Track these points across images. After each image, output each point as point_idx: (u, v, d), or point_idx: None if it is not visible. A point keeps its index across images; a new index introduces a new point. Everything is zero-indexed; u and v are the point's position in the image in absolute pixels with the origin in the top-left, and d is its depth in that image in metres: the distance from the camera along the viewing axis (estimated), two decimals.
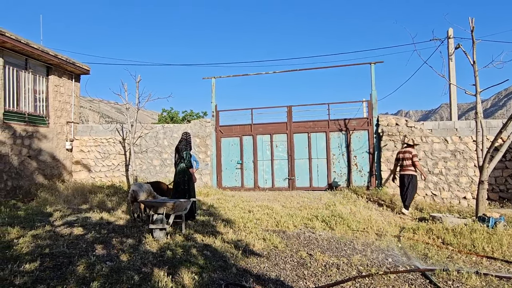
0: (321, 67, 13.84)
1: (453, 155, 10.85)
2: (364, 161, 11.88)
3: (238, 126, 13.14)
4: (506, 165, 10.47)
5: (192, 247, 5.18)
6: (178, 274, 4.04)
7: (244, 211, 8.28)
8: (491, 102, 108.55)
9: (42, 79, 11.91)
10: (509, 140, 7.29)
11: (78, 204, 8.96)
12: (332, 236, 6.26)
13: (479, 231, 6.09)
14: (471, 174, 10.61)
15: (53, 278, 3.87)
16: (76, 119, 13.45)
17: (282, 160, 12.59)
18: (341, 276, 4.24)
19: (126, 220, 7.15)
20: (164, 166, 13.07)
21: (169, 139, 13.12)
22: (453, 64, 14.09)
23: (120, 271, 4.09)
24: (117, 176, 13.20)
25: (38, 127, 11.55)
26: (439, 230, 6.31)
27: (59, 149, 12.50)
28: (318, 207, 8.78)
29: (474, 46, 7.75)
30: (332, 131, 12.24)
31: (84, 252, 4.83)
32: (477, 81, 7.78)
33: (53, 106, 12.22)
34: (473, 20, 7.68)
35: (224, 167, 13.08)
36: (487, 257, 5.05)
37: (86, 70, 13.45)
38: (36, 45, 11.00)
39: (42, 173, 11.60)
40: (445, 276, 4.22)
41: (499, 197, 10.46)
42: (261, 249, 5.30)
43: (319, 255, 5.00)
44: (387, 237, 6.09)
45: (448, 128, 11.07)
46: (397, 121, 11.47)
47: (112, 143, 13.42)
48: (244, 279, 4.05)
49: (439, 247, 5.57)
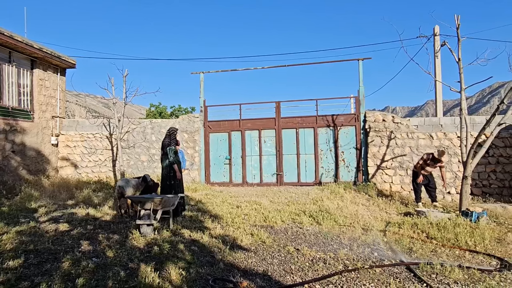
0: (310, 63, 13.87)
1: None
2: (351, 156, 11.98)
3: (226, 122, 13.10)
4: (489, 160, 10.69)
5: (180, 242, 5.17)
6: (165, 269, 4.04)
7: (232, 206, 8.29)
8: (476, 99, 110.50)
9: (27, 73, 11.66)
10: (492, 136, 7.43)
11: (63, 200, 8.84)
12: (319, 231, 6.32)
13: (462, 225, 6.22)
14: (455, 170, 10.80)
15: (37, 275, 3.83)
16: (62, 114, 13.23)
17: (271, 155, 12.62)
18: (327, 271, 4.29)
19: (112, 216, 7.09)
20: (152, 161, 12.97)
21: (157, 134, 13.01)
22: (439, 61, 14.27)
23: (106, 267, 4.06)
24: (104, 172, 13.06)
25: (22, 122, 11.33)
26: (424, 224, 6.42)
27: (44, 144, 12.29)
28: (306, 202, 8.84)
29: (460, 44, 7.86)
30: (320, 127, 12.30)
31: (69, 249, 4.78)
32: (462, 78, 7.90)
33: (38, 100, 11.98)
34: (458, 18, 7.78)
35: (213, 163, 13.05)
36: (469, 251, 5.17)
37: (72, 64, 13.22)
38: (20, 37, 10.76)
39: (26, 168, 11.39)
40: (429, 270, 4.31)
41: (482, 192, 10.69)
42: (248, 244, 5.32)
43: (306, 250, 5.05)
44: (373, 232, 6.17)
45: (434, 124, 11.23)
46: (384, 117, 11.59)
47: (99, 138, 13.25)
48: (232, 274, 4.06)
49: (423, 241, 5.67)
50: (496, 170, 10.67)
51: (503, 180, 10.60)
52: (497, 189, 10.61)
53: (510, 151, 10.56)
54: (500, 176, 10.63)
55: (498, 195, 10.47)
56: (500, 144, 10.63)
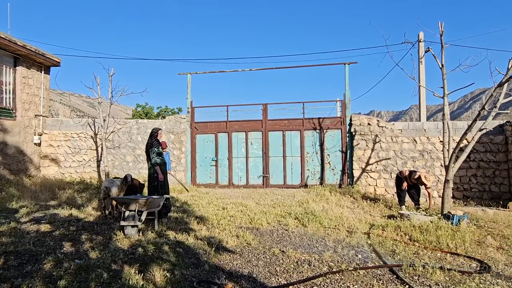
0: (297, 66, 13.98)
1: (421, 155, 11.23)
2: (337, 159, 12.10)
3: (213, 123, 13.07)
4: (470, 165, 10.94)
5: (165, 244, 5.13)
6: (149, 271, 4.00)
7: (218, 208, 8.27)
8: (458, 104, 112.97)
9: (9, 70, 11.42)
10: (473, 141, 7.61)
11: (46, 200, 8.66)
12: (305, 233, 6.36)
13: (444, 228, 6.34)
14: (438, 173, 11.02)
15: (17, 277, 3.74)
16: (45, 113, 12.99)
17: (257, 157, 12.64)
18: (312, 272, 4.32)
19: (96, 216, 6.99)
20: (138, 162, 12.84)
21: (142, 135, 12.88)
22: (423, 67, 14.55)
23: (89, 269, 4.00)
24: (88, 172, 12.86)
25: (4, 120, 11.08)
26: (407, 227, 6.52)
27: (26, 143, 12.04)
28: (292, 204, 8.88)
29: (443, 50, 8.03)
30: (306, 130, 12.39)
31: (51, 250, 4.69)
32: (445, 84, 8.07)
33: (21, 99, 11.74)
34: (442, 25, 7.95)
35: (199, 164, 13.00)
36: (451, 253, 5.27)
37: (57, 62, 12.99)
38: (3, 34, 10.53)
39: (7, 168, 11.14)
40: (412, 272, 4.38)
41: (463, 196, 10.93)
42: (234, 246, 5.32)
43: (292, 252, 5.07)
44: (357, 234, 6.24)
45: (417, 128, 11.44)
46: (369, 121, 11.75)
47: (83, 138, 13.05)
48: (217, 276, 4.05)
49: (406, 243, 5.76)
50: (477, 174, 10.93)
51: (483, 184, 10.87)
52: (478, 193, 10.87)
53: (490, 156, 10.83)
54: (480, 180, 10.89)
55: (479, 198, 10.72)
56: (481, 149, 10.89)
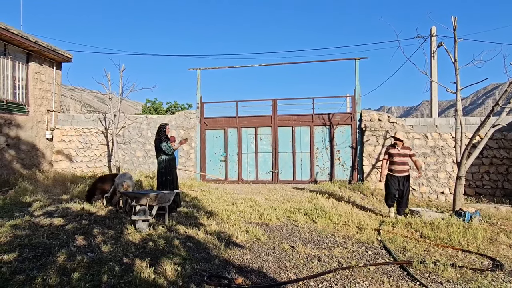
0: (307, 61, 13.98)
1: (433, 151, 11.11)
2: (347, 155, 12.04)
3: (223, 119, 13.09)
4: (482, 161, 10.79)
5: (175, 238, 5.18)
6: (160, 265, 4.04)
7: (227, 203, 8.30)
8: (470, 100, 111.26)
9: (22, 66, 11.57)
10: (486, 137, 7.49)
11: (58, 195, 8.79)
12: (314, 229, 6.35)
13: (455, 225, 6.28)
14: (449, 170, 10.89)
15: (32, 269, 3.82)
16: (57, 108, 13.15)
17: (266, 153, 12.64)
18: (322, 268, 4.32)
19: (107, 211, 7.07)
20: (148, 157, 12.94)
21: (152, 130, 12.97)
22: (435, 62, 14.34)
23: (101, 262, 4.06)
24: (99, 167, 13.01)
25: (17, 115, 11.24)
26: (418, 224, 6.47)
27: (39, 138, 12.21)
28: (301, 200, 8.87)
29: (456, 45, 7.90)
30: (316, 125, 12.34)
31: (64, 243, 4.77)
32: (457, 79, 7.94)
33: (33, 94, 11.89)
34: (455, 19, 7.81)
35: (208, 159, 13.05)
36: (462, 250, 5.22)
37: (68, 58, 13.13)
38: (16, 30, 10.66)
39: (21, 162, 11.32)
40: (422, 269, 4.35)
41: (475, 193, 10.79)
42: (244, 241, 5.34)
43: (301, 248, 5.07)
44: (367, 230, 6.21)
45: (429, 124, 11.31)
46: (380, 117, 11.64)
47: (94, 133, 13.19)
48: (227, 270, 4.08)
49: (417, 240, 5.72)
50: (490, 171, 10.77)
51: (496, 181, 10.71)
52: (490, 190, 10.72)
53: (504, 152, 10.66)
54: (493, 177, 10.73)
55: (491, 195, 10.57)
56: (494, 145, 10.72)
